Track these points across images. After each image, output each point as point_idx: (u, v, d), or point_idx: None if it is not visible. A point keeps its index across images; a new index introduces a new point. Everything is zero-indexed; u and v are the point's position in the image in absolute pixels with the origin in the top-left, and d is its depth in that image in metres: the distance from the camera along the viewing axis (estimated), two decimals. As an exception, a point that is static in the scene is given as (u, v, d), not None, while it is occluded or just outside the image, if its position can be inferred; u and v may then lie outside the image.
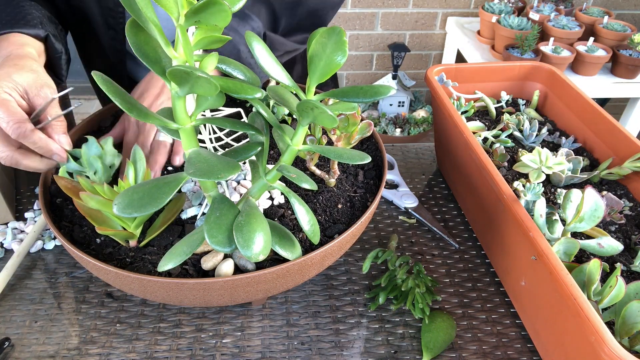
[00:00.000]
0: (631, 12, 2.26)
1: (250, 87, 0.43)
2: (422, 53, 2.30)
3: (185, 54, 0.40)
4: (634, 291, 0.50)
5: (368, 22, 2.16)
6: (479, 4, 2.16)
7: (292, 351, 0.57)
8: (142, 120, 0.42)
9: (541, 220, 0.55)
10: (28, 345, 0.56)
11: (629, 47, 1.75)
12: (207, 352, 0.56)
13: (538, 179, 0.64)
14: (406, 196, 0.77)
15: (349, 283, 0.65)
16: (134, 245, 0.52)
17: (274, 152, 0.65)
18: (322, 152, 0.46)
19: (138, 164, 0.52)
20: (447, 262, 0.68)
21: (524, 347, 0.58)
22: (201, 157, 0.42)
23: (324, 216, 0.56)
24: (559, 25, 1.80)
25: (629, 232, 0.61)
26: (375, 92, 0.43)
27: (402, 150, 0.89)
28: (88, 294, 0.62)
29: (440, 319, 0.58)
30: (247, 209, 0.45)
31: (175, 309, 0.60)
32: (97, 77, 0.40)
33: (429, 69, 0.78)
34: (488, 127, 0.77)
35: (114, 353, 0.56)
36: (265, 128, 0.51)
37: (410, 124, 2.20)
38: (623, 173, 0.66)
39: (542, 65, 0.83)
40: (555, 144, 0.75)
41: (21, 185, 0.76)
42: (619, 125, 0.68)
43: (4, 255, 0.66)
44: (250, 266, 0.50)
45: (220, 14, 0.36)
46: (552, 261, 0.48)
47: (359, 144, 0.67)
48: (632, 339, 0.47)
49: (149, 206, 0.41)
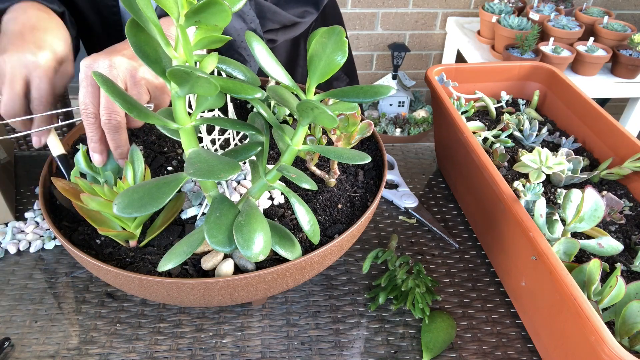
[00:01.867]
0: (631, 12, 2.26)
1: (250, 87, 0.43)
2: (422, 53, 2.30)
3: (185, 54, 0.40)
4: (634, 291, 0.50)
5: (368, 22, 2.16)
6: (479, 4, 2.16)
7: (292, 351, 0.57)
8: (142, 120, 0.42)
9: (541, 220, 0.55)
10: (28, 345, 0.56)
11: (629, 47, 1.75)
12: (207, 352, 0.56)
13: (538, 179, 0.64)
14: (406, 196, 0.77)
15: (349, 283, 0.65)
16: (134, 245, 0.52)
17: (274, 152, 0.65)
18: (322, 152, 0.46)
19: (136, 164, 0.52)
20: (447, 262, 0.68)
21: (524, 347, 0.58)
22: (201, 157, 0.42)
23: (324, 216, 0.56)
24: (559, 25, 1.80)
25: (629, 232, 0.61)
26: (375, 92, 0.43)
27: (402, 150, 0.89)
28: (88, 294, 0.62)
29: (440, 319, 0.58)
30: (247, 209, 0.45)
31: (175, 309, 0.61)
32: (97, 77, 0.40)
33: (429, 69, 0.78)
34: (488, 127, 0.77)
35: (114, 353, 0.56)
36: (265, 128, 0.51)
37: (410, 124, 2.21)
38: (623, 173, 0.66)
39: (542, 65, 0.83)
40: (555, 144, 0.75)
41: (21, 185, 0.76)
42: (619, 125, 0.68)
43: (4, 255, 0.66)
44: (250, 266, 0.50)
45: (220, 14, 0.36)
46: (552, 261, 0.48)
47: (359, 144, 0.67)
48: (632, 339, 0.47)
49: (149, 206, 0.41)
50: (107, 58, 0.51)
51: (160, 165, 0.63)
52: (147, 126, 0.69)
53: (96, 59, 0.51)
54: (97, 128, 0.52)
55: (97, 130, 0.53)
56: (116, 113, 0.51)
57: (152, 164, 0.62)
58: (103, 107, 0.51)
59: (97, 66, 0.51)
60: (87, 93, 0.51)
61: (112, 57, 0.51)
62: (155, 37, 0.40)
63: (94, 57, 0.52)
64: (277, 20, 0.74)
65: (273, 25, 0.73)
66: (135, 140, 0.67)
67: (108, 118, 0.51)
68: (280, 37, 0.77)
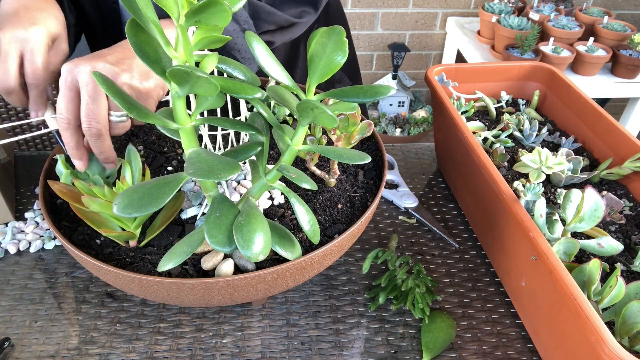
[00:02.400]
0: (631, 12, 2.26)
1: (250, 87, 0.43)
2: (422, 53, 2.30)
3: (185, 54, 0.40)
4: (634, 291, 0.50)
5: (368, 22, 2.16)
6: (479, 4, 2.16)
7: (292, 351, 0.57)
8: (142, 120, 0.42)
9: (541, 220, 0.55)
10: (28, 345, 0.56)
11: (629, 47, 1.75)
12: (207, 352, 0.56)
13: (538, 179, 0.64)
14: (406, 196, 0.77)
15: (349, 283, 0.65)
16: (134, 245, 0.52)
17: (274, 152, 0.65)
18: (322, 152, 0.46)
19: (133, 163, 0.52)
20: (447, 262, 0.68)
21: (524, 347, 0.58)
22: (201, 157, 0.42)
23: (324, 216, 0.56)
24: (559, 25, 1.80)
25: (629, 232, 0.61)
26: (375, 92, 0.43)
27: (402, 150, 0.89)
28: (88, 294, 0.62)
29: (440, 319, 0.58)
30: (247, 209, 0.45)
31: (175, 309, 0.61)
32: (97, 77, 0.40)
33: (429, 69, 0.78)
34: (488, 127, 0.77)
35: (114, 353, 0.56)
36: (265, 128, 0.51)
37: (410, 124, 2.21)
38: (623, 173, 0.66)
39: (542, 65, 0.83)
40: (555, 144, 0.75)
41: (21, 185, 0.76)
42: (619, 125, 0.68)
43: (4, 255, 0.66)
44: (250, 266, 0.50)
45: (220, 14, 0.36)
46: (552, 261, 0.48)
47: (359, 144, 0.67)
48: (632, 339, 0.47)
49: (149, 206, 0.41)
50: (89, 63, 0.51)
51: (160, 165, 0.63)
52: (147, 126, 0.69)
53: (78, 63, 0.51)
54: (72, 134, 0.52)
55: (72, 137, 0.52)
56: (97, 120, 0.50)
57: (152, 164, 0.62)
58: (84, 115, 0.50)
59: (78, 71, 0.50)
60: (64, 98, 0.50)
61: (93, 62, 0.51)
62: (155, 37, 0.40)
63: (75, 62, 0.51)
64: (272, 21, 0.71)
65: (269, 27, 0.71)
66: (135, 140, 0.67)
67: (88, 126, 0.50)
68: (277, 39, 0.75)
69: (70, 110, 0.50)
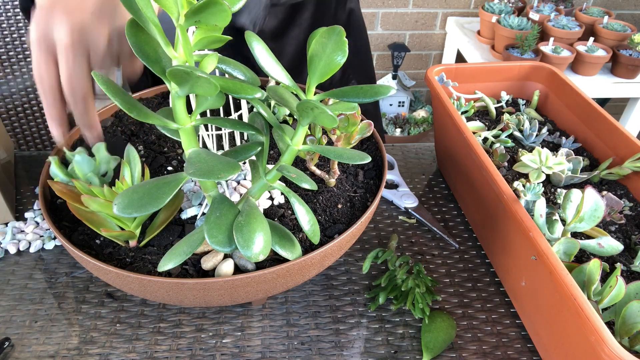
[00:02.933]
0: (631, 12, 2.26)
1: (250, 87, 0.43)
2: (422, 53, 2.30)
3: (185, 54, 0.40)
4: (634, 291, 0.50)
5: (368, 22, 2.16)
6: (479, 4, 2.16)
7: (292, 351, 0.57)
8: (142, 120, 0.42)
9: (541, 220, 0.55)
10: (28, 345, 0.56)
11: (629, 47, 1.75)
12: (207, 352, 0.56)
13: (538, 179, 0.64)
14: (406, 196, 0.77)
15: (349, 283, 0.65)
16: (133, 245, 0.52)
17: (274, 152, 0.65)
18: (322, 152, 0.46)
19: (132, 163, 0.52)
20: (447, 262, 0.68)
21: (524, 347, 0.58)
22: (201, 157, 0.42)
23: (324, 216, 0.56)
24: (559, 25, 1.80)
25: (629, 232, 0.61)
26: (375, 92, 0.43)
27: (402, 150, 0.89)
28: (88, 294, 0.62)
29: (440, 319, 0.58)
30: (247, 209, 0.45)
31: (175, 309, 0.61)
32: (96, 77, 0.40)
33: (429, 69, 0.78)
34: (488, 127, 0.77)
35: (114, 353, 0.56)
36: (265, 128, 0.51)
37: (410, 124, 2.21)
38: (623, 173, 0.66)
39: (542, 65, 0.83)
40: (555, 144, 0.75)
41: (21, 185, 0.76)
42: (619, 125, 0.68)
43: (4, 255, 0.66)
44: (250, 266, 0.50)
45: (220, 14, 0.36)
46: (552, 261, 0.48)
47: (359, 144, 0.67)
48: (632, 339, 0.47)
49: (149, 206, 0.41)
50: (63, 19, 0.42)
51: (160, 165, 0.63)
52: (147, 126, 0.69)
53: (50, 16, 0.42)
54: (55, 100, 0.46)
55: (55, 103, 0.46)
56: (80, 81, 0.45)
57: (152, 164, 0.62)
58: (64, 77, 0.44)
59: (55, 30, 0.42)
60: (41, 61, 0.43)
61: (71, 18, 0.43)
62: (155, 37, 0.40)
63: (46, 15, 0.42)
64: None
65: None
66: (135, 140, 0.67)
67: (71, 87, 0.44)
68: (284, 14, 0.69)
69: (50, 72, 0.45)
